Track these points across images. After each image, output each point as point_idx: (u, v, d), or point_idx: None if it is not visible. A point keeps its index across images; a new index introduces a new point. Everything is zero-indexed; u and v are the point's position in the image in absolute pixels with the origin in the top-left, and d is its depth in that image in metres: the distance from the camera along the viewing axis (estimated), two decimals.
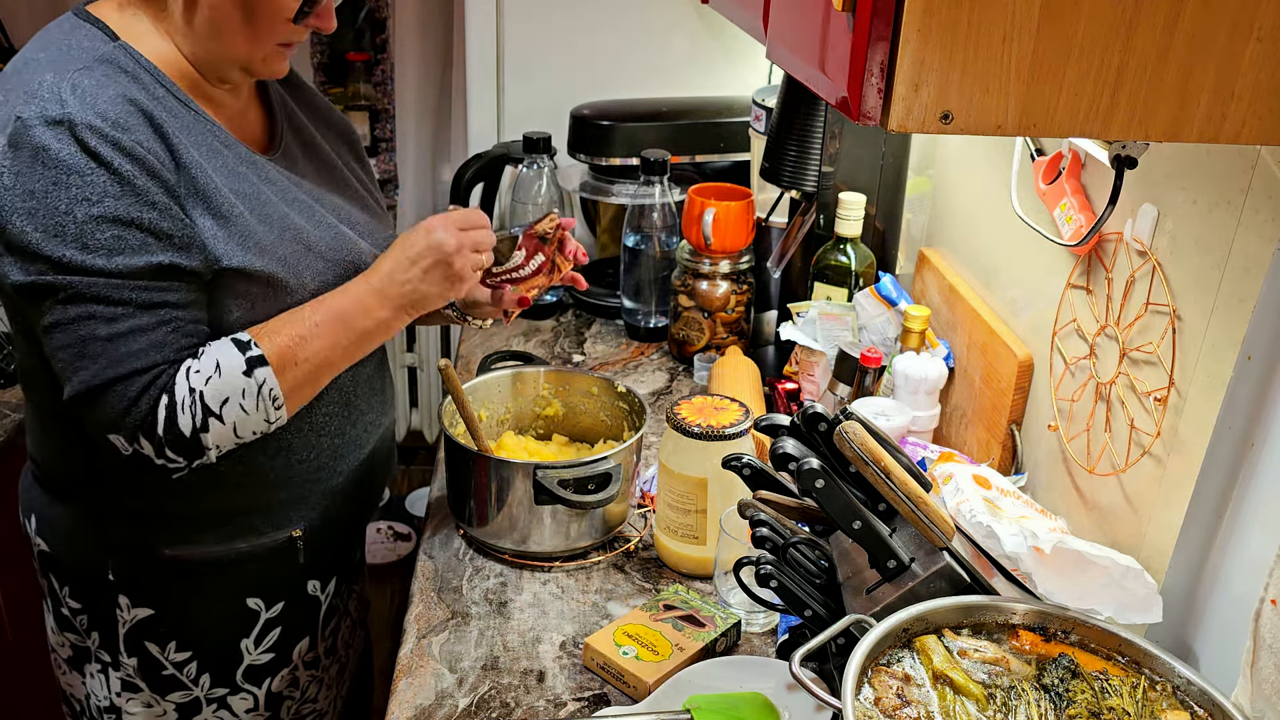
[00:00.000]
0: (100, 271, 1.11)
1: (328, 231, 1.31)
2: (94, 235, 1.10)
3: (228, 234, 1.19)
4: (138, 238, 1.12)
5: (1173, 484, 1.10)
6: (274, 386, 1.21)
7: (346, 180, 1.44)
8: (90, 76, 1.13)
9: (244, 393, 1.19)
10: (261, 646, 1.43)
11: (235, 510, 1.35)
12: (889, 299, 1.65)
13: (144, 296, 1.14)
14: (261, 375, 1.20)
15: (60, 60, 1.15)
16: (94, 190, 1.10)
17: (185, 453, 1.19)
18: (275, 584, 1.42)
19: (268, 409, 1.21)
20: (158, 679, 1.41)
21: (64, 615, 1.41)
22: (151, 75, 1.19)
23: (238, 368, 1.19)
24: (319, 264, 1.28)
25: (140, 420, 1.16)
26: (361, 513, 1.54)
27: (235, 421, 1.20)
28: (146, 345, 1.15)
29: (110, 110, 1.12)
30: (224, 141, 1.24)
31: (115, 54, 1.17)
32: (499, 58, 2.43)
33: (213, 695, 1.43)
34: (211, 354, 1.19)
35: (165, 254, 1.14)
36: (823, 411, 1.05)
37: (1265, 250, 0.97)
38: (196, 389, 1.17)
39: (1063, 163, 1.31)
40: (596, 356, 2.04)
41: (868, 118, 0.82)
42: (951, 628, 0.98)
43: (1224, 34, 0.79)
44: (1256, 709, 0.92)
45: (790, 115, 1.75)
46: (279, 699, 1.48)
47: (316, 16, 1.24)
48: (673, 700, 1.17)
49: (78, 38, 1.18)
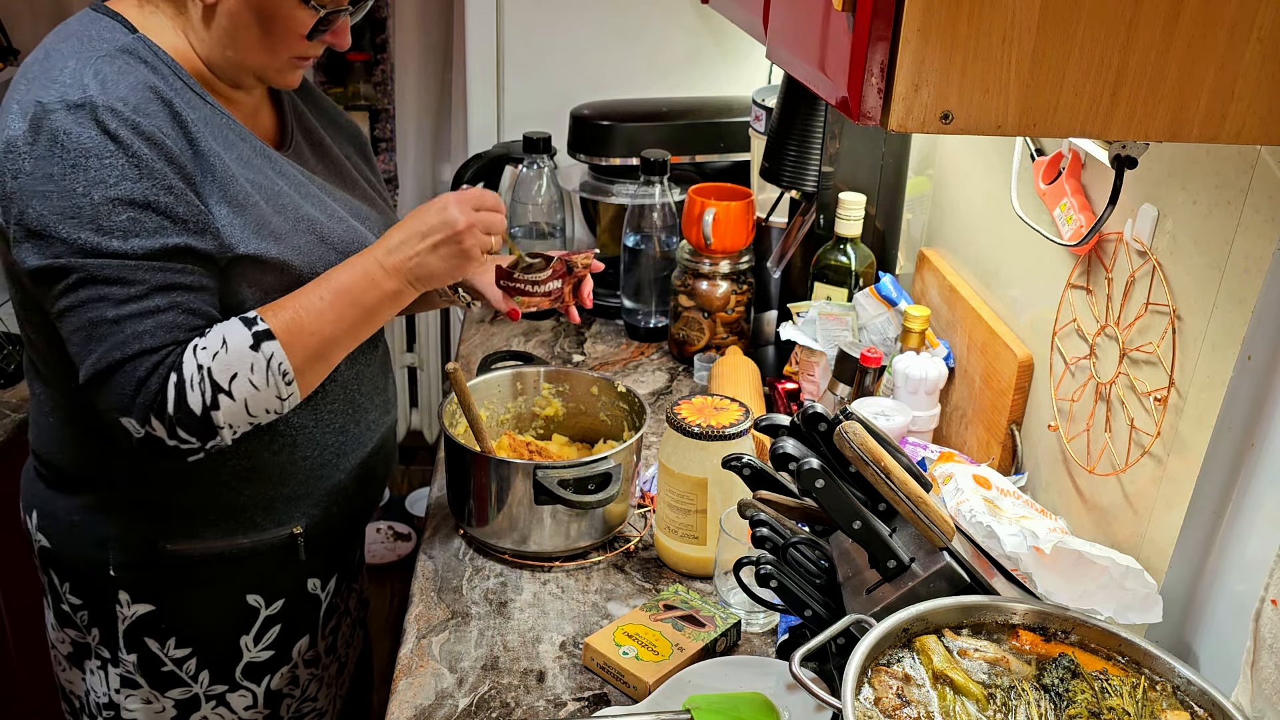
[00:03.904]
0: (115, 253, 1.12)
1: (339, 224, 1.32)
2: (110, 217, 1.11)
3: (243, 222, 1.20)
4: (154, 220, 1.13)
5: (1173, 484, 1.10)
6: (282, 360, 1.20)
7: (355, 179, 1.46)
8: (111, 64, 1.15)
9: (253, 367, 1.18)
10: (261, 644, 1.43)
11: (238, 505, 1.36)
12: (889, 299, 1.65)
13: (158, 278, 1.15)
14: (269, 349, 1.19)
15: (81, 49, 1.17)
16: (111, 173, 1.11)
17: (197, 432, 1.18)
18: (275, 581, 1.42)
19: (278, 384, 1.21)
20: (157, 675, 1.41)
21: (64, 611, 1.41)
22: (169, 68, 1.21)
23: (245, 342, 1.18)
24: (332, 255, 1.29)
25: (150, 400, 1.16)
26: (362, 511, 1.55)
27: (246, 397, 1.19)
28: (154, 326, 1.15)
29: (131, 96, 1.13)
30: (239, 134, 1.26)
31: (135, 45, 1.19)
32: (499, 58, 2.43)
33: (212, 692, 1.43)
34: (218, 331, 1.19)
35: (180, 236, 1.15)
36: (823, 411, 1.05)
37: (1265, 250, 0.97)
38: (205, 365, 1.16)
39: (1063, 163, 1.31)
40: (596, 356, 2.04)
41: (868, 118, 0.82)
42: (951, 628, 0.98)
43: (1224, 34, 0.79)
44: (1256, 709, 0.92)
45: (790, 115, 1.75)
46: (278, 697, 1.48)
47: (332, 33, 1.26)
48: (673, 700, 1.17)
49: (98, 29, 1.20)
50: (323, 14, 1.22)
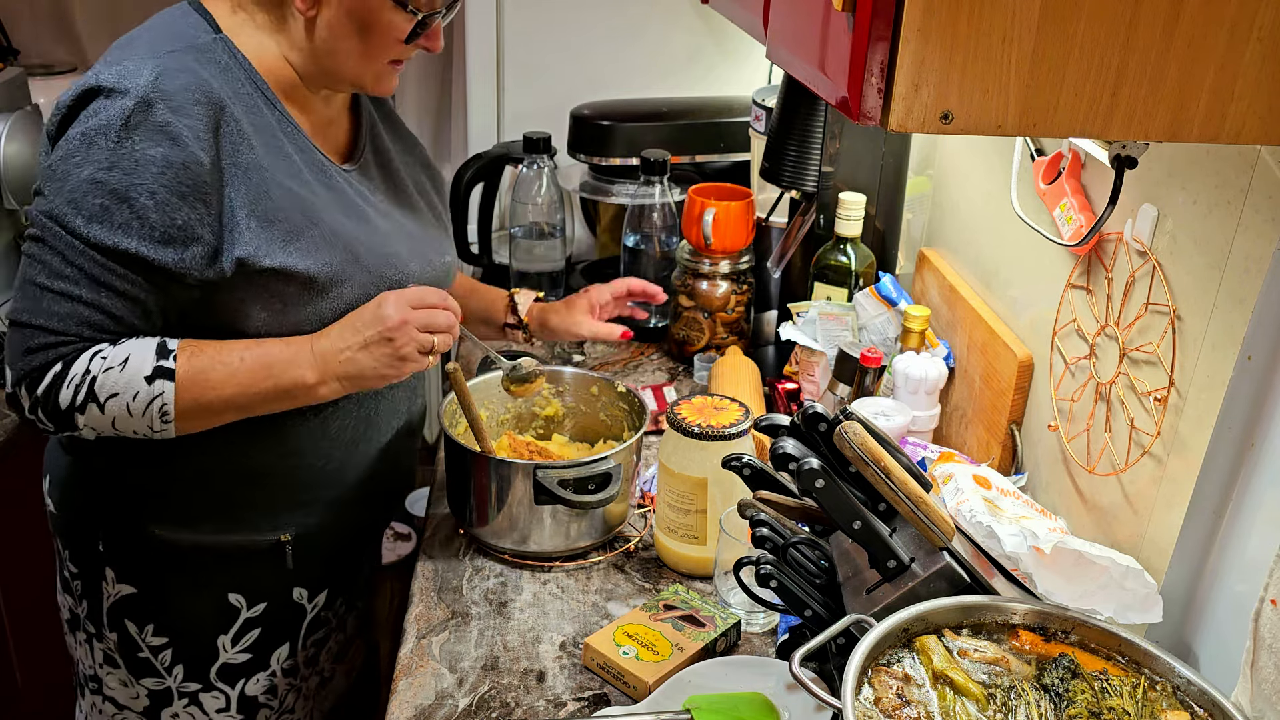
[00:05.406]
0: (72, 231, 1.15)
1: (380, 247, 1.32)
2: (86, 197, 1.14)
3: (270, 234, 1.21)
4: (123, 215, 1.15)
5: (1173, 484, 1.10)
6: (168, 404, 1.20)
7: (415, 204, 1.46)
8: (177, 60, 1.18)
9: (136, 395, 1.19)
10: (239, 646, 1.43)
11: (233, 503, 1.36)
12: (889, 299, 1.65)
13: (95, 271, 1.16)
14: (161, 388, 1.19)
15: (158, 40, 1.21)
16: (111, 158, 1.14)
17: (55, 421, 1.21)
18: (260, 584, 1.42)
19: (154, 419, 1.21)
20: (134, 660, 1.42)
21: (65, 578, 1.44)
22: (245, 71, 1.23)
23: (143, 371, 1.19)
24: (362, 276, 1.29)
25: (27, 371, 1.19)
26: (365, 530, 1.54)
27: (116, 416, 1.20)
28: (68, 312, 1.17)
29: (178, 95, 1.15)
30: (299, 146, 1.27)
31: (213, 45, 1.22)
32: (499, 58, 2.43)
33: (185, 689, 1.43)
34: (129, 348, 1.20)
35: (138, 243, 1.15)
36: (823, 411, 1.05)
37: (1265, 250, 0.97)
38: (93, 373, 1.18)
39: (1063, 163, 1.31)
40: (596, 356, 2.04)
41: (868, 118, 0.83)
42: (951, 628, 0.98)
43: (1224, 34, 0.79)
44: (1256, 709, 0.92)
45: (790, 115, 1.75)
46: (254, 705, 1.48)
47: (427, 37, 1.27)
48: (673, 700, 1.17)
49: (183, 24, 1.23)
50: (420, 17, 1.23)
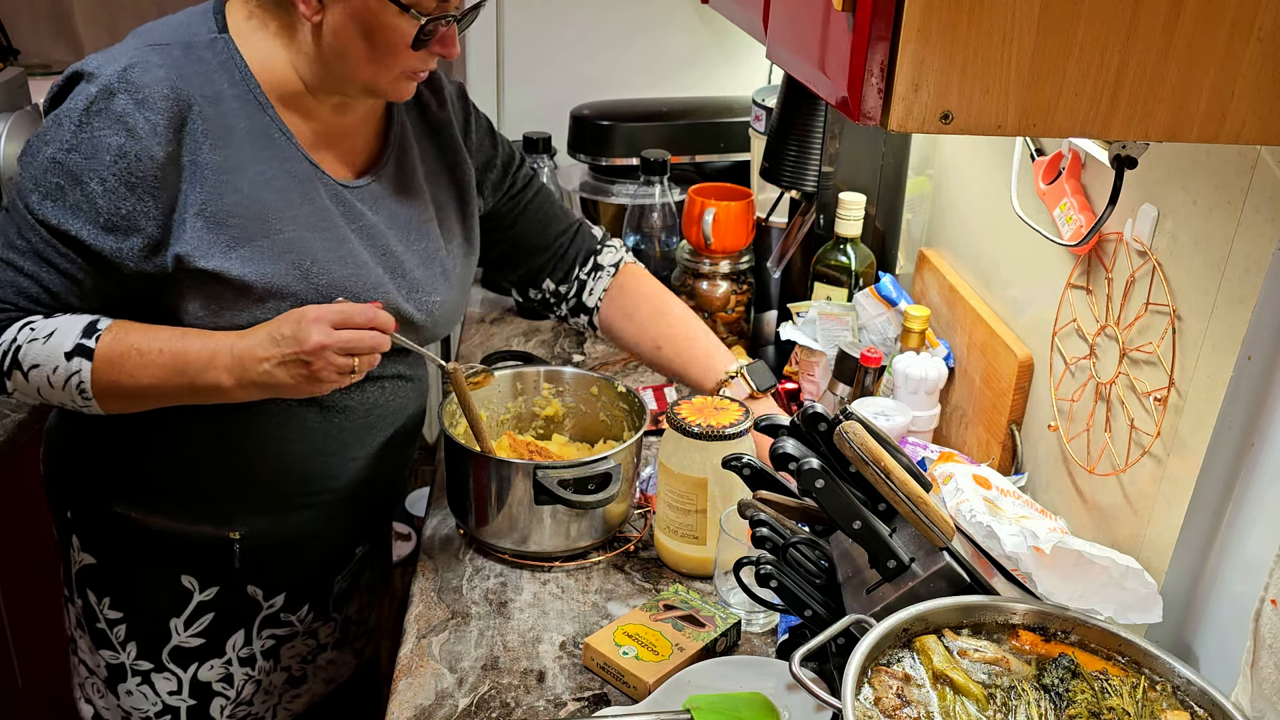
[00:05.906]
0: (27, 206, 1.19)
1: (341, 269, 1.29)
2: (45, 175, 1.17)
3: (214, 237, 1.21)
4: (75, 197, 1.17)
5: (1173, 484, 1.10)
6: (84, 381, 1.21)
7: (425, 233, 1.41)
8: (158, 54, 1.20)
9: (55, 369, 1.21)
10: (191, 629, 1.43)
11: (193, 493, 1.37)
12: (889, 299, 1.65)
13: (40, 246, 1.19)
14: (78, 365, 1.21)
15: (152, 33, 1.24)
16: (72, 141, 1.17)
17: None
18: (212, 573, 1.43)
19: (74, 394, 1.23)
20: (94, 630, 1.45)
21: (57, 538, 1.48)
22: (239, 73, 1.24)
23: (64, 346, 1.21)
24: (308, 293, 1.26)
25: None
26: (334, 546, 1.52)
27: (39, 387, 1.23)
28: (8, 281, 1.21)
29: (146, 88, 1.17)
30: (282, 154, 1.26)
31: (210, 44, 1.23)
32: (499, 58, 2.43)
33: (138, 668, 1.45)
34: (57, 322, 1.22)
35: (83, 226, 1.18)
36: (823, 411, 1.05)
37: (1265, 250, 0.97)
38: (19, 343, 1.21)
39: (1063, 163, 1.31)
40: (596, 356, 2.04)
41: (868, 118, 0.82)
42: (951, 628, 0.98)
43: (1224, 34, 0.79)
44: (1256, 709, 0.92)
45: (790, 115, 1.75)
46: (208, 690, 1.47)
47: (439, 43, 1.25)
48: (673, 700, 1.17)
49: (193, 20, 1.25)
50: (423, 22, 1.21)
